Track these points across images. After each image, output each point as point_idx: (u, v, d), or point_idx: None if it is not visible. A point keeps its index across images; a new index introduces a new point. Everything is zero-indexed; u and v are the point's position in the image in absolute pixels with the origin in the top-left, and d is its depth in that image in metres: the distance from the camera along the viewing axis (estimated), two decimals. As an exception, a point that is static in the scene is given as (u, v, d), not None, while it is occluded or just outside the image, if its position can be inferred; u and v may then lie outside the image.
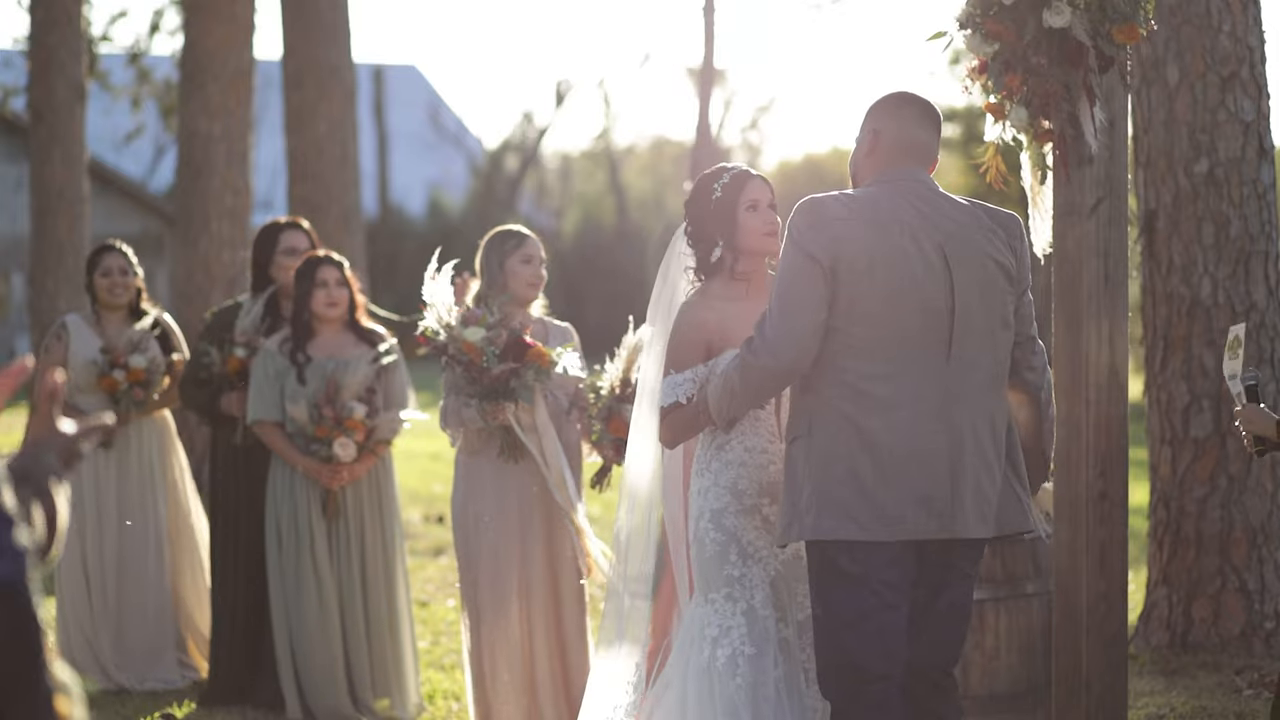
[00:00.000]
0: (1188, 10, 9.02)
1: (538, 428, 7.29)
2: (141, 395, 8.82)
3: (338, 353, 8.22)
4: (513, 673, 7.34)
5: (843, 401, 5.30)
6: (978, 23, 5.98)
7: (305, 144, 14.82)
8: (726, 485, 5.85)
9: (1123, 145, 6.32)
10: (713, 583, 5.85)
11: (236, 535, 8.51)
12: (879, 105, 5.67)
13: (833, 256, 5.29)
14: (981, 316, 5.41)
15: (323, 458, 8.10)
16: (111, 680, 8.82)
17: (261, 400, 8.19)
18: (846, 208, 5.41)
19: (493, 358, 7.16)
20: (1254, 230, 9.03)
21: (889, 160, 5.57)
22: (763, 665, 5.75)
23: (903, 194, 5.48)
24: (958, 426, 5.34)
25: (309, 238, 8.73)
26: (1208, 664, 8.75)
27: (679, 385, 5.88)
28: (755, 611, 5.78)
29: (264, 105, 20.76)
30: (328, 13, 14.75)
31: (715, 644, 5.79)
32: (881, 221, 5.38)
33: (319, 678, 8.12)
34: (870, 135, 5.62)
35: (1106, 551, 6.32)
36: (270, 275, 8.66)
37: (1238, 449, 8.97)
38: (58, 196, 14.46)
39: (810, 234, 5.34)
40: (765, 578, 5.81)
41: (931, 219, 5.44)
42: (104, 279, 8.99)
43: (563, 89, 48.28)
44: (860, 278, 5.29)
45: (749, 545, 5.82)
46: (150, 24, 24.76)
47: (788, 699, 5.74)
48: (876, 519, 5.27)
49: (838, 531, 5.28)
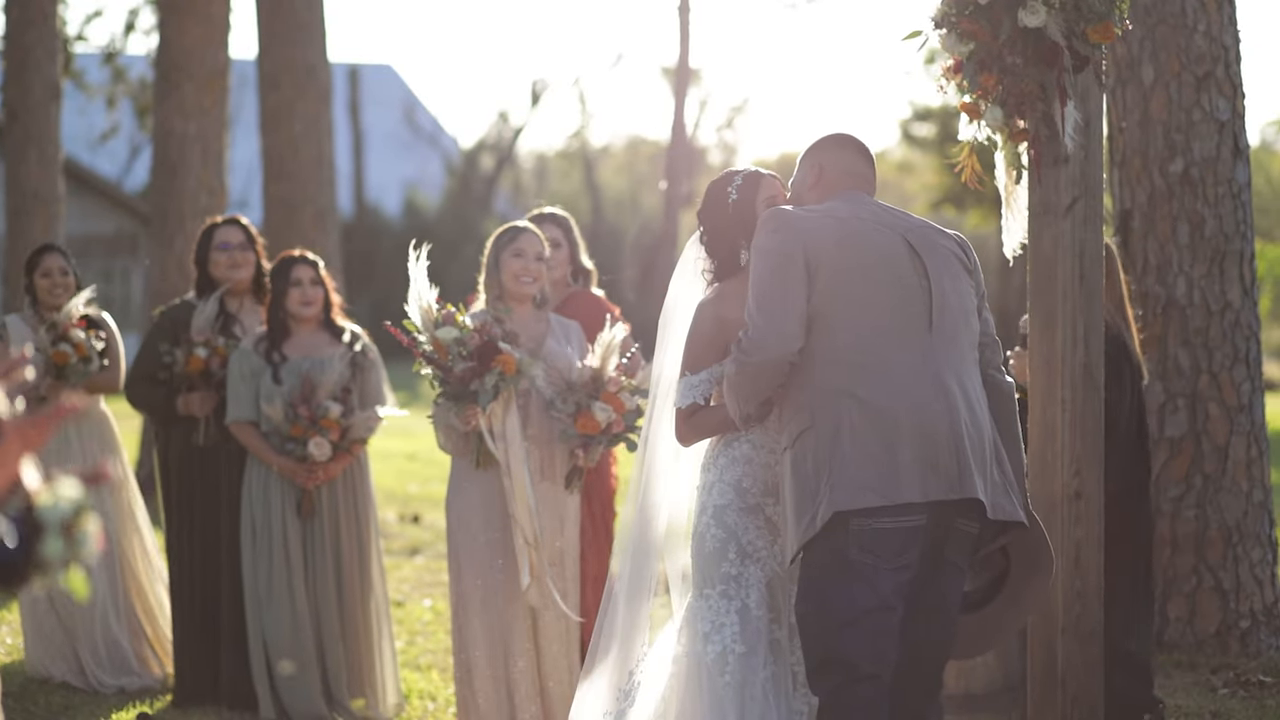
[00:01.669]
0: (1163, 10, 9.03)
1: (506, 437, 7.26)
2: (83, 369, 8.74)
3: (313, 352, 8.20)
4: (494, 669, 7.33)
5: (841, 379, 5.38)
6: (953, 22, 5.99)
7: (281, 143, 14.80)
8: (731, 482, 5.85)
9: (1098, 145, 6.33)
10: (710, 579, 5.85)
11: (191, 535, 8.47)
12: (820, 144, 5.86)
13: (804, 248, 5.45)
14: (955, 298, 5.53)
15: (298, 457, 8.09)
16: (85, 681, 8.79)
17: (237, 400, 8.17)
18: (807, 212, 5.62)
19: (459, 358, 7.15)
20: (1229, 229, 9.05)
21: (834, 187, 5.75)
22: (752, 665, 5.75)
23: (856, 203, 5.66)
24: (952, 392, 5.40)
25: (245, 232, 8.68)
26: (1183, 663, 8.77)
27: (695, 386, 5.88)
28: (749, 611, 5.78)
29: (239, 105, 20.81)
30: (303, 12, 14.72)
31: (706, 639, 5.80)
32: (842, 218, 5.57)
33: (289, 679, 8.09)
34: (814, 169, 5.81)
35: (1081, 550, 6.33)
36: (209, 273, 8.63)
37: (1213, 449, 8.99)
38: (33, 196, 14.41)
39: (777, 236, 5.50)
40: (762, 578, 5.80)
41: (887, 219, 5.63)
42: (44, 279, 8.96)
43: (538, 88, 48.32)
44: (834, 260, 5.44)
45: (749, 544, 5.82)
46: (125, 23, 24.75)
47: (774, 700, 5.74)
48: (892, 484, 5.31)
49: (856, 501, 5.30)
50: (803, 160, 5.85)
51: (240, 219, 8.84)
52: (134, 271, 31.68)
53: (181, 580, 8.51)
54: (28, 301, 9.04)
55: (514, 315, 7.41)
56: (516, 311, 7.43)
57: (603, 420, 7.20)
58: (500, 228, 7.60)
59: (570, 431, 7.25)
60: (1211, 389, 9.02)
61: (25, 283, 9.05)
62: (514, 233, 7.50)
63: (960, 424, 5.38)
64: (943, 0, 6.02)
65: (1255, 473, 9.06)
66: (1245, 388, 9.04)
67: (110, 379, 8.91)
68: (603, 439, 7.26)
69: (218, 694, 8.38)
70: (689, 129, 36.93)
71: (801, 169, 5.84)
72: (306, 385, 8.10)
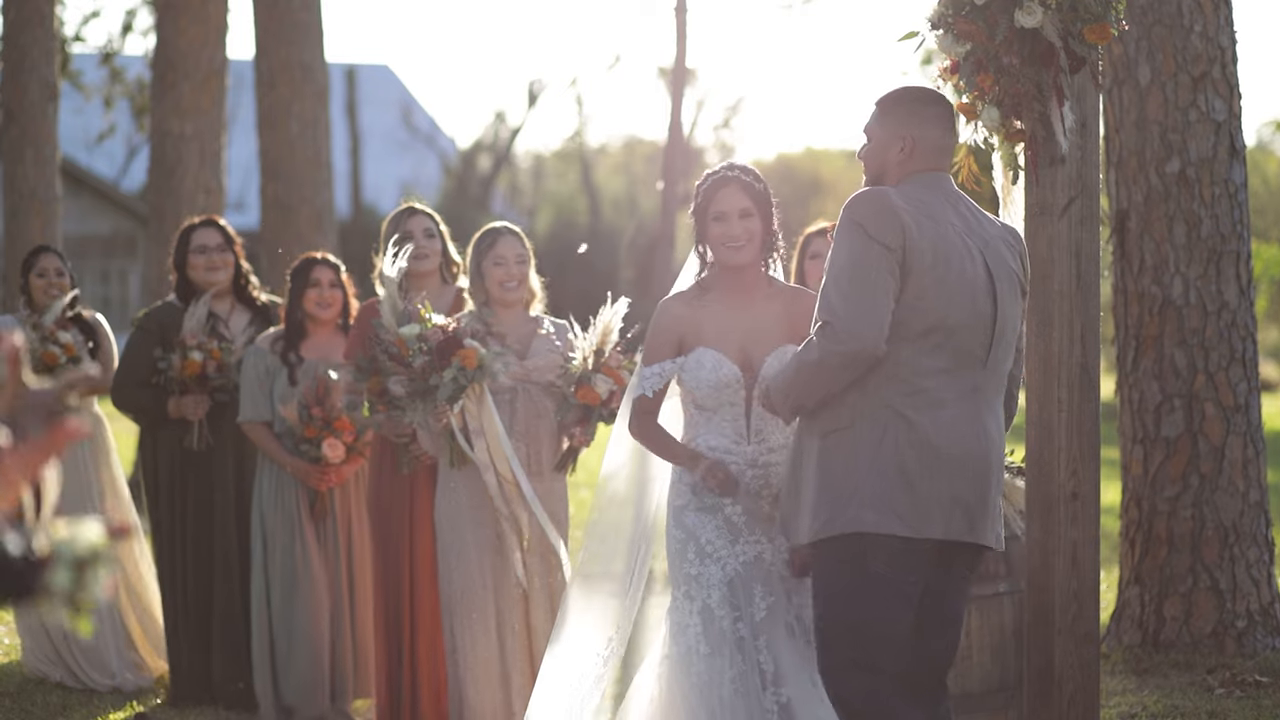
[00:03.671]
0: (1159, 10, 9.03)
1: (485, 433, 7.25)
2: (73, 370, 8.73)
3: (330, 354, 8.18)
4: (488, 667, 7.33)
5: (895, 396, 5.32)
6: (949, 23, 5.99)
7: (278, 144, 14.78)
8: (688, 482, 5.90)
9: (1094, 145, 6.33)
10: (675, 579, 5.92)
11: (184, 538, 8.44)
12: (911, 111, 5.61)
13: (902, 244, 5.29)
14: (1011, 325, 5.53)
15: (311, 459, 8.07)
16: (79, 681, 8.80)
17: (252, 400, 8.15)
18: (904, 199, 5.40)
19: (418, 354, 7.15)
20: (1225, 230, 9.05)
21: (921, 165, 5.58)
22: (717, 665, 5.78)
23: (943, 197, 5.53)
24: (990, 433, 5.44)
25: (222, 234, 8.63)
26: (1180, 663, 8.77)
27: (647, 379, 5.92)
28: (711, 611, 5.80)
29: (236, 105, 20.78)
30: (300, 12, 14.70)
31: (674, 640, 5.85)
32: (936, 218, 5.42)
33: (302, 679, 8.09)
34: (905, 142, 5.56)
35: (1078, 551, 6.33)
36: (187, 276, 8.59)
37: (1209, 449, 9.00)
38: (30, 197, 14.38)
39: (878, 221, 5.31)
40: (723, 578, 5.82)
41: (971, 225, 5.53)
42: (39, 279, 8.97)
43: (535, 89, 48.29)
44: (926, 269, 5.32)
45: (707, 544, 5.84)
46: (123, 24, 24.75)
47: (741, 699, 5.76)
48: (920, 516, 5.33)
49: (880, 525, 5.31)
50: (887, 121, 5.61)
51: (218, 220, 8.79)
52: (131, 272, 31.63)
53: (175, 582, 8.48)
54: (22, 302, 9.04)
55: (501, 318, 7.40)
56: (503, 315, 7.42)
57: (603, 392, 7.18)
58: (478, 233, 7.57)
59: (571, 400, 7.23)
60: (1208, 389, 9.02)
61: (20, 283, 9.05)
62: (492, 239, 7.43)
63: (991, 468, 5.44)
64: (939, 1, 6.03)
65: (1252, 473, 9.06)
66: (1241, 388, 9.04)
67: (103, 381, 8.91)
68: (602, 411, 7.24)
69: (212, 694, 8.38)
70: (686, 129, 36.92)
71: (887, 131, 5.59)
72: (321, 386, 8.08)
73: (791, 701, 5.73)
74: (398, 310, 7.34)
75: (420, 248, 7.84)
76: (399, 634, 7.70)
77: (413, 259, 7.71)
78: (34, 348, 8.64)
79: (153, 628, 9.03)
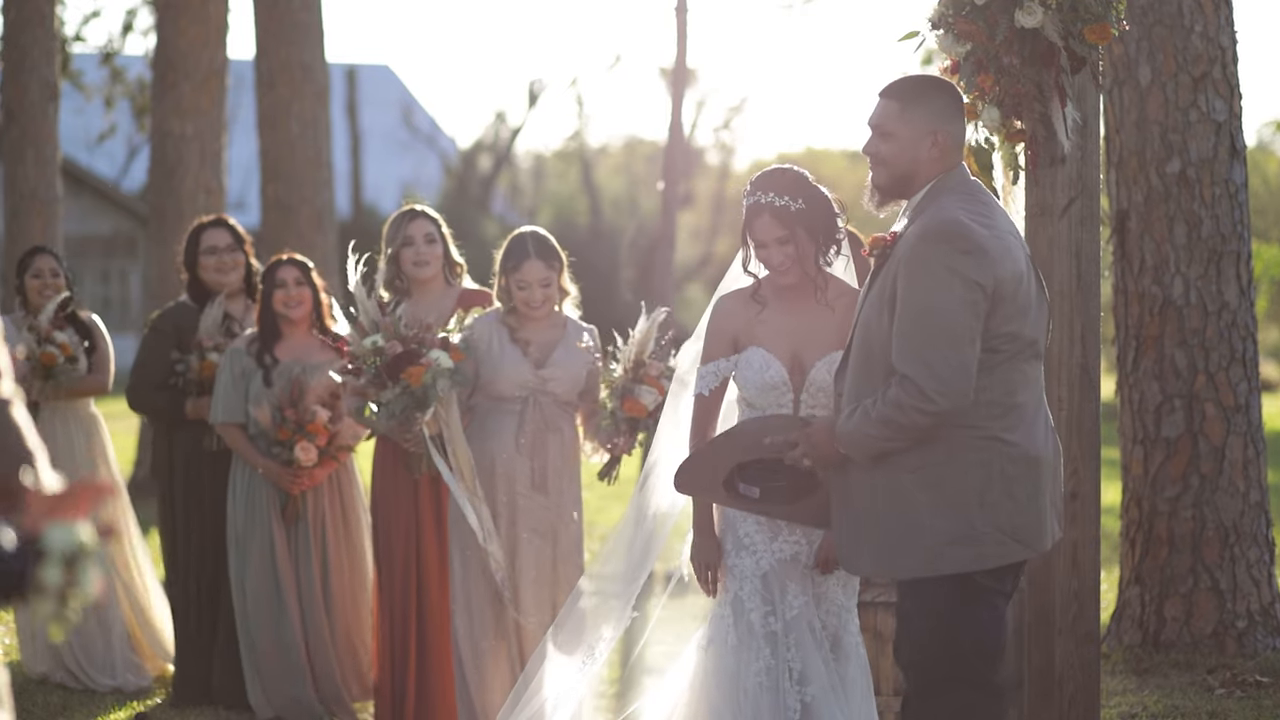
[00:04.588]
0: (1159, 10, 9.03)
1: (450, 441, 7.24)
2: (71, 370, 8.72)
3: (304, 356, 8.16)
4: (496, 659, 7.34)
5: (990, 420, 5.21)
6: (950, 23, 5.99)
7: (278, 144, 14.79)
8: None
9: (1095, 145, 6.34)
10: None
11: (202, 537, 8.41)
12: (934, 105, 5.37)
13: (994, 280, 5.14)
14: (1045, 333, 5.46)
15: (284, 461, 8.06)
16: (79, 681, 8.79)
17: (227, 402, 8.13)
18: (983, 225, 5.22)
19: (372, 368, 7.15)
20: (1225, 230, 9.05)
21: (951, 161, 5.41)
22: (744, 657, 5.79)
23: (988, 200, 5.42)
24: (1052, 426, 5.40)
25: (232, 234, 8.63)
26: (1180, 663, 8.77)
27: (704, 377, 5.91)
28: (742, 603, 5.81)
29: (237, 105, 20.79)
30: (301, 13, 14.72)
31: (710, 626, 5.89)
32: (999, 231, 5.28)
33: (279, 682, 8.08)
34: (933, 139, 5.33)
35: (1079, 551, 6.34)
36: (198, 277, 8.60)
37: (1210, 449, 9.00)
38: (30, 197, 14.40)
39: (970, 261, 5.13)
40: (755, 570, 5.82)
41: (1015, 230, 5.49)
42: (34, 280, 8.96)
43: (535, 89, 48.23)
44: (1008, 297, 5.19)
45: (745, 536, 5.84)
46: (123, 24, 24.70)
47: (768, 694, 5.75)
48: (1034, 534, 5.31)
49: (1004, 557, 5.26)
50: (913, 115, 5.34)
51: (227, 219, 8.79)
52: (132, 272, 31.64)
53: (187, 582, 8.47)
54: (18, 302, 9.04)
55: (525, 324, 7.37)
56: (529, 320, 7.39)
57: (649, 403, 7.17)
58: (507, 240, 7.46)
59: (619, 414, 7.22)
60: (1208, 389, 9.02)
61: (16, 284, 9.04)
62: (517, 260, 7.34)
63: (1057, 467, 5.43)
64: (939, 1, 6.03)
65: (1252, 473, 9.06)
66: (1242, 388, 9.04)
67: (99, 381, 8.90)
68: (649, 423, 7.18)
69: (212, 695, 8.38)
70: (686, 130, 36.87)
71: (914, 127, 5.33)
72: (295, 389, 8.06)
73: (815, 702, 5.73)
74: (370, 319, 7.32)
75: (421, 254, 7.83)
76: (404, 636, 7.70)
77: (413, 266, 7.74)
78: (31, 349, 8.64)
79: (149, 628, 9.03)
